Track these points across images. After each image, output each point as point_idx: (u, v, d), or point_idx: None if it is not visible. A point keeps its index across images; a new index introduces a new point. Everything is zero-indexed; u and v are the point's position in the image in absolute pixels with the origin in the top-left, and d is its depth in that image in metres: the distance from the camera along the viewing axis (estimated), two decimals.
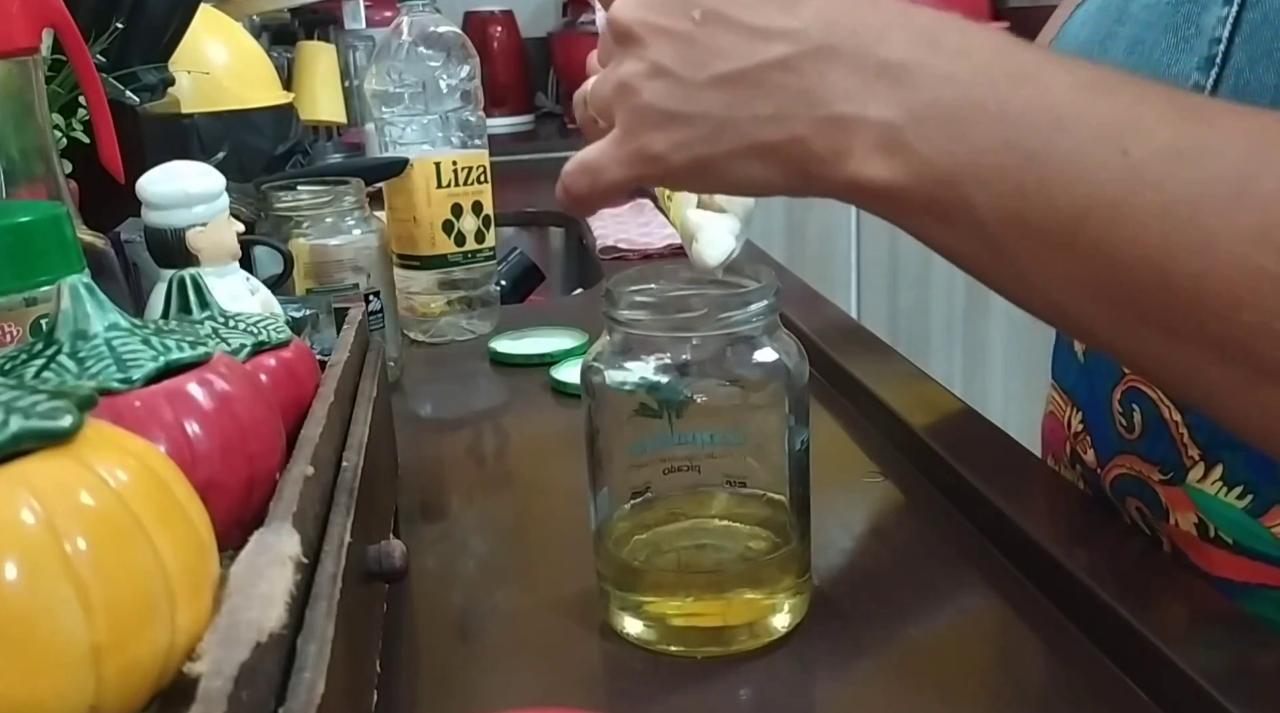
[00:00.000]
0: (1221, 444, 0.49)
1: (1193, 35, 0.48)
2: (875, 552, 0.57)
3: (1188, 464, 0.50)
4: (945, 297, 2.25)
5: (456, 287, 0.93)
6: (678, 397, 0.45)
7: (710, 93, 0.39)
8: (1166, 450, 0.51)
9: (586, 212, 0.45)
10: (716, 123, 0.39)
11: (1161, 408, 0.51)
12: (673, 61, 0.39)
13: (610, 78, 0.42)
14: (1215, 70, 0.47)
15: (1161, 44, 0.50)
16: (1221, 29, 0.47)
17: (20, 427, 0.24)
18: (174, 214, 0.52)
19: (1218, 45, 0.47)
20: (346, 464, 0.41)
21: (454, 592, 0.54)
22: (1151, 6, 0.51)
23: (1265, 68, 0.45)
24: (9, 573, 0.22)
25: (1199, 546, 0.51)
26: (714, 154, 0.39)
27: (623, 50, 0.41)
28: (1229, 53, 0.46)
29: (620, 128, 0.42)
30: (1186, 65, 0.48)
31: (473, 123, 0.93)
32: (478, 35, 2.29)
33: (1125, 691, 0.43)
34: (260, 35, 1.64)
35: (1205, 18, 0.48)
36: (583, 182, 0.43)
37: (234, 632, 0.25)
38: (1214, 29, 0.47)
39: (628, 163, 0.41)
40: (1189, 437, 0.50)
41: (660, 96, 0.40)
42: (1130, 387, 0.52)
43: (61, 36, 0.56)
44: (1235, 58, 0.46)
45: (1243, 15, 0.46)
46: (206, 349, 0.36)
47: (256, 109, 1.09)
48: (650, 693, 0.45)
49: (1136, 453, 0.53)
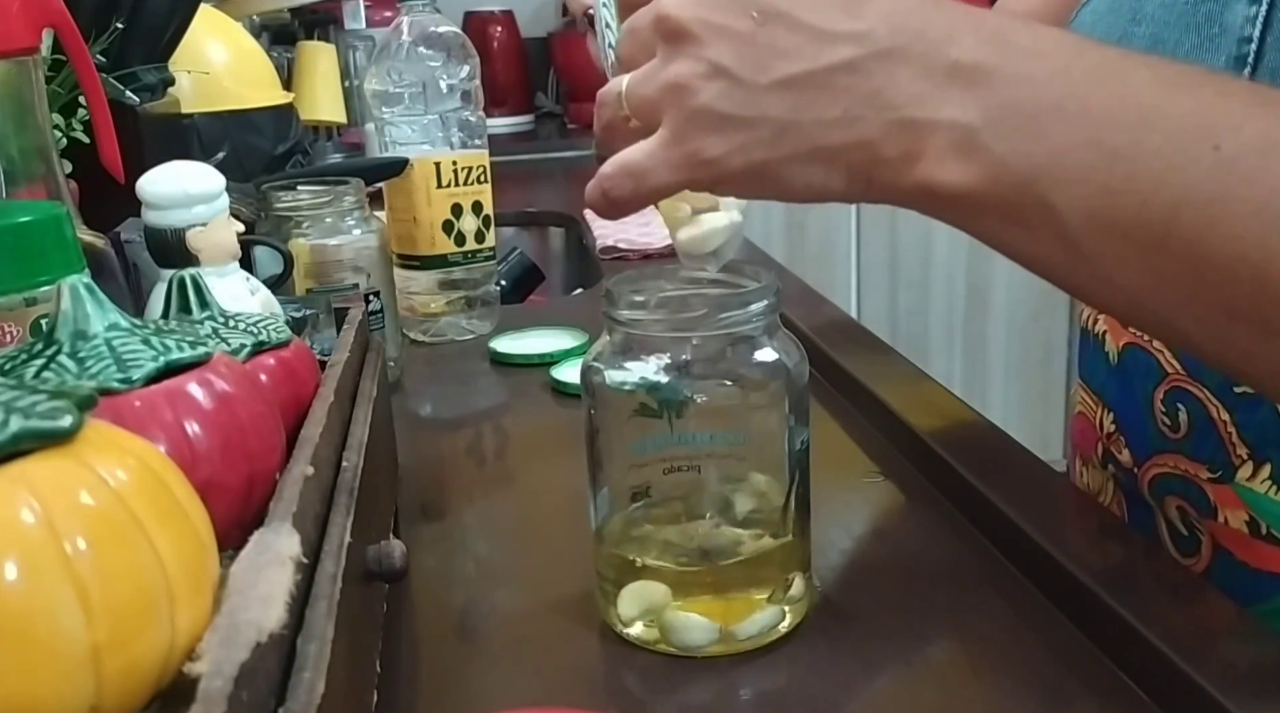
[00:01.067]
0: (1270, 443, 0.49)
1: (1217, 34, 0.48)
2: (875, 552, 0.57)
3: (1236, 463, 0.50)
4: (945, 297, 2.25)
5: (456, 287, 0.93)
6: (678, 397, 0.45)
7: (772, 95, 0.38)
8: (1215, 449, 0.51)
9: (623, 215, 0.43)
10: (779, 126, 0.38)
11: (1209, 407, 0.51)
12: (732, 62, 0.38)
13: (657, 77, 0.40)
14: (1248, 70, 0.46)
15: (1185, 44, 0.49)
16: (1251, 28, 0.46)
17: (20, 427, 0.24)
18: (174, 214, 0.52)
19: (1248, 44, 0.46)
20: (346, 464, 0.41)
21: (454, 592, 0.54)
22: (1169, 6, 0.51)
23: None
24: (9, 573, 0.22)
25: (1248, 542, 0.50)
26: (773, 158, 0.38)
27: (674, 48, 0.39)
28: (1261, 51, 0.46)
29: (669, 130, 0.40)
30: (1213, 63, 0.48)
31: (473, 123, 0.93)
32: (478, 35, 2.30)
33: (1124, 689, 0.43)
34: (260, 35, 1.64)
35: (1229, 16, 0.47)
36: (625, 185, 0.41)
37: (234, 632, 0.25)
38: (1242, 28, 0.47)
39: (678, 167, 0.40)
40: (1238, 436, 0.50)
41: (718, 98, 0.38)
42: (1174, 386, 0.52)
43: (61, 36, 0.56)
44: (1269, 56, 0.46)
45: (1273, 14, 0.46)
46: (206, 349, 0.36)
47: (256, 109, 1.09)
48: (650, 693, 0.45)
49: (1182, 452, 0.53)
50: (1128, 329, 0.54)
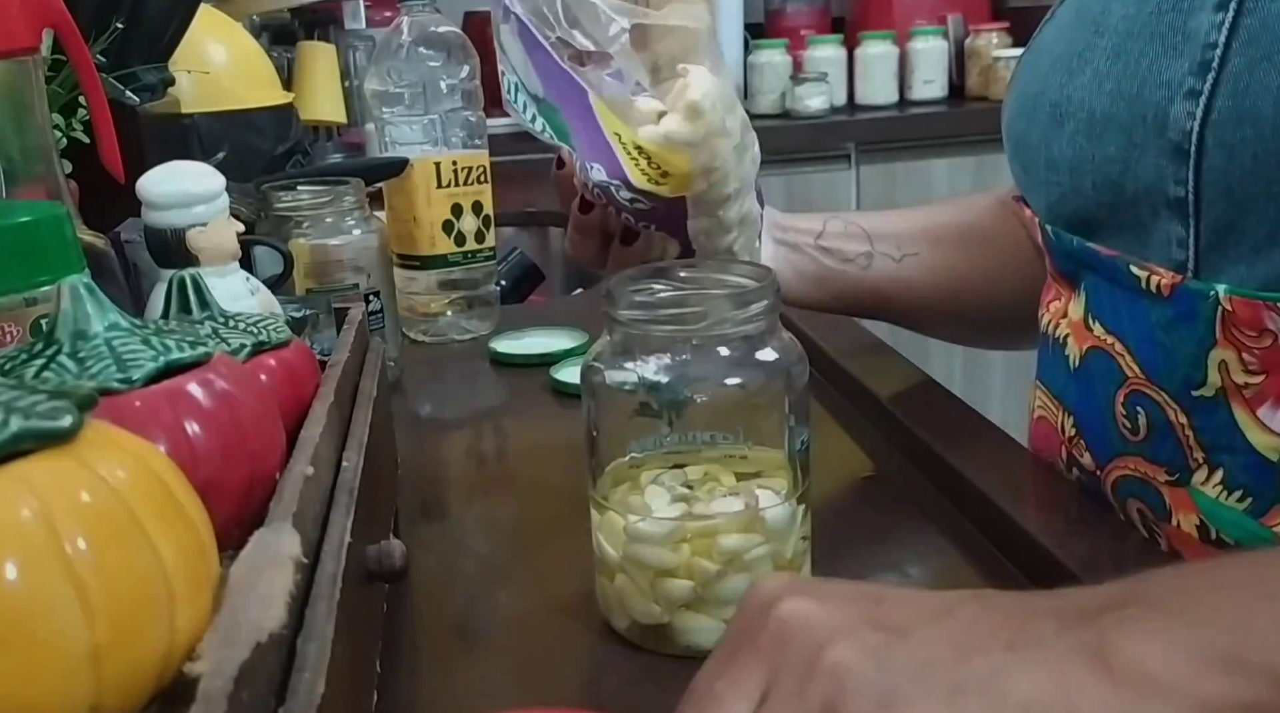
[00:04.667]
0: (1223, 448, 0.49)
1: (1180, 43, 0.49)
2: (875, 552, 0.57)
3: (1192, 466, 0.51)
4: None
5: (456, 287, 0.93)
6: (678, 397, 0.45)
7: None
8: (1173, 452, 0.51)
9: None
10: None
11: (1168, 410, 0.51)
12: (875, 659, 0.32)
13: None
14: (1213, 75, 0.47)
15: (1148, 54, 0.51)
16: (1217, 34, 0.47)
17: (20, 427, 0.24)
18: (174, 214, 0.52)
19: (1213, 50, 0.47)
20: (346, 464, 0.41)
21: (454, 592, 0.54)
22: (1131, 17, 0.52)
23: (1266, 70, 0.45)
24: (9, 573, 0.22)
25: (1198, 548, 0.51)
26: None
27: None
28: (1226, 57, 0.47)
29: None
30: (1178, 71, 0.49)
31: (473, 123, 0.93)
32: (478, 35, 2.28)
33: None
34: (260, 35, 1.64)
35: (1193, 23, 0.48)
36: None
37: (234, 632, 0.25)
38: (1207, 34, 0.48)
39: None
40: (1194, 439, 0.50)
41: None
42: (1134, 390, 0.52)
43: (61, 36, 0.56)
44: (1233, 62, 0.47)
45: (1239, 21, 0.47)
46: (206, 349, 0.36)
47: (256, 109, 1.09)
48: (650, 693, 0.45)
49: (1141, 455, 0.53)
50: (1091, 333, 0.55)
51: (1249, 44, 0.46)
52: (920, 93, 2.31)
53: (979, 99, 2.28)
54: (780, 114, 2.24)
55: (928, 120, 2.20)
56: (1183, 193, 0.49)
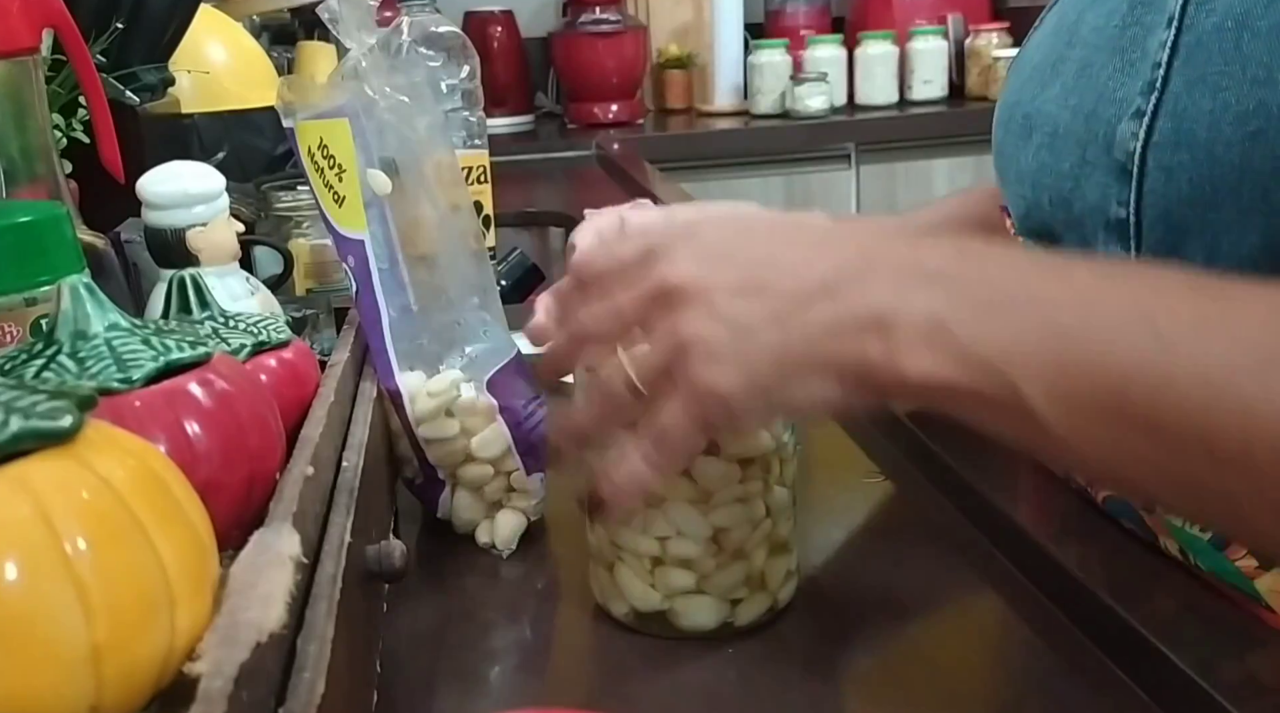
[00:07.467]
0: None
1: (1138, 59, 0.47)
2: (875, 552, 0.57)
3: None
4: None
5: None
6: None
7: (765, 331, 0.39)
8: None
9: None
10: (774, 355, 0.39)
11: None
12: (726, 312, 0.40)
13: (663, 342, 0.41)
14: (1155, 95, 0.46)
15: (1109, 68, 0.49)
16: (1161, 53, 0.46)
17: (20, 427, 0.24)
18: (174, 214, 0.53)
19: (1158, 70, 0.46)
20: (346, 464, 0.41)
21: (454, 592, 0.54)
22: (1100, 30, 0.50)
23: (1200, 93, 0.44)
24: (9, 573, 0.22)
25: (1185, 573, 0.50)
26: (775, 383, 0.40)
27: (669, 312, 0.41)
28: (1168, 77, 0.45)
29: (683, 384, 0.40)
30: (1130, 90, 0.47)
31: (473, 123, 0.93)
32: (478, 35, 2.29)
33: (1122, 688, 0.43)
34: (260, 35, 1.64)
35: (1150, 40, 0.47)
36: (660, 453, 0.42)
37: (234, 632, 0.25)
38: (1156, 53, 0.46)
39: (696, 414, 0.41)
40: None
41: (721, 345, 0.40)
42: None
43: (61, 36, 0.56)
44: (1173, 83, 0.45)
45: (1180, 39, 0.45)
46: (206, 349, 0.36)
47: (256, 109, 1.09)
48: (650, 693, 0.45)
49: None
50: None
51: (1186, 64, 0.44)
52: (920, 93, 2.31)
53: (979, 99, 2.28)
54: (780, 114, 2.24)
55: (927, 120, 2.20)
56: (1124, 214, 0.47)
